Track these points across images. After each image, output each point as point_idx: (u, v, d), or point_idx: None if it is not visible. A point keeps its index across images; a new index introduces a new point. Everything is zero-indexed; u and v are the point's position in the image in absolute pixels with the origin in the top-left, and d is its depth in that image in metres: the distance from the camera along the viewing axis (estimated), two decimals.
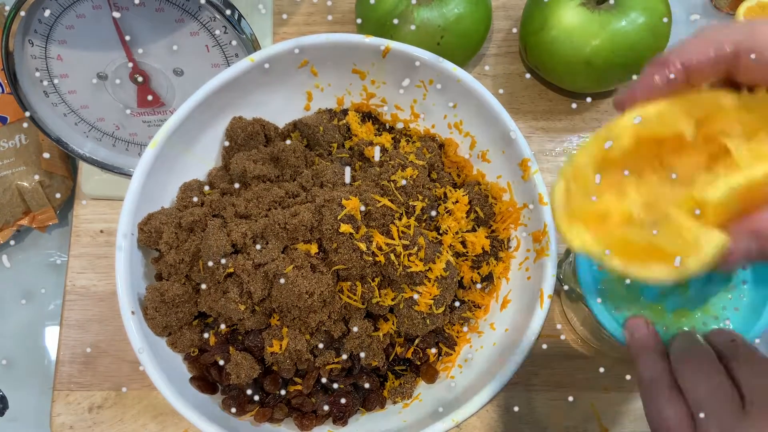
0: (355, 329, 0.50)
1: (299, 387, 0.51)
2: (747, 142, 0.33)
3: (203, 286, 0.50)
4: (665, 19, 0.60)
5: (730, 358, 0.38)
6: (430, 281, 0.49)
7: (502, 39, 0.71)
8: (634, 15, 0.59)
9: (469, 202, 0.55)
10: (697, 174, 0.33)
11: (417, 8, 0.60)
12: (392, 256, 0.48)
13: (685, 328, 0.45)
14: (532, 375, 0.61)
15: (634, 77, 0.35)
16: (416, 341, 0.52)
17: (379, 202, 0.49)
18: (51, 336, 0.65)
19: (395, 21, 0.60)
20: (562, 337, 0.62)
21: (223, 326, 0.51)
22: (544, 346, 0.61)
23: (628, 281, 0.47)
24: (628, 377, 0.59)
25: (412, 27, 0.60)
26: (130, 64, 0.56)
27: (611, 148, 0.34)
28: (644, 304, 0.46)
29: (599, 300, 0.46)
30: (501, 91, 0.69)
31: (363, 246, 0.48)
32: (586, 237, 0.34)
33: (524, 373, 0.61)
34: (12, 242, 0.67)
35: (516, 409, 0.60)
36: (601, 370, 0.60)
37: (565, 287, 0.49)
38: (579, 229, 0.35)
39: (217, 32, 0.54)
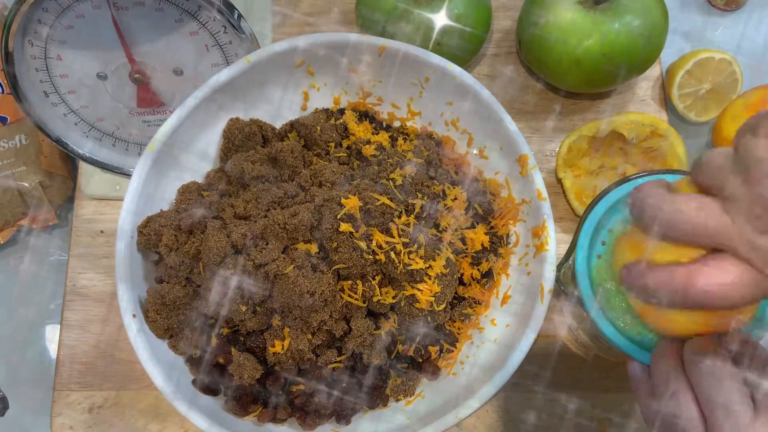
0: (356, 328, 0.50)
1: (302, 387, 0.51)
2: None
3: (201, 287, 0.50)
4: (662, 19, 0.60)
5: (742, 361, 0.38)
6: (430, 278, 0.49)
7: (502, 39, 0.71)
8: (629, 18, 0.59)
9: (468, 199, 0.55)
10: None
11: (417, 8, 0.60)
12: (392, 254, 0.48)
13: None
14: (532, 375, 0.61)
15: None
16: (417, 339, 0.52)
17: (378, 200, 0.49)
18: (51, 336, 0.65)
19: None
20: (561, 337, 0.62)
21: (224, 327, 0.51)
22: (544, 347, 0.61)
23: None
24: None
25: (412, 27, 0.60)
26: (130, 64, 0.56)
27: None
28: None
29: (597, 304, 0.46)
30: (500, 91, 0.69)
31: (363, 244, 0.48)
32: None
33: (524, 373, 0.61)
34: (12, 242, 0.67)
35: (515, 409, 0.60)
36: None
37: (564, 290, 0.49)
38: None
39: (217, 32, 0.54)
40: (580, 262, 0.47)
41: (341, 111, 0.60)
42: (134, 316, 0.49)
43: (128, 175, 0.62)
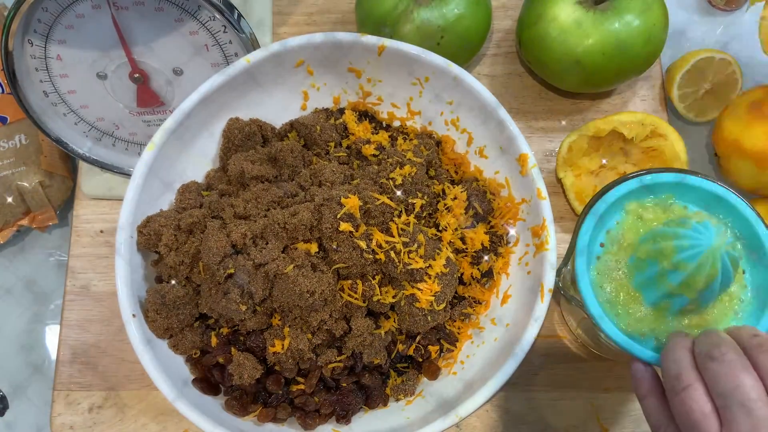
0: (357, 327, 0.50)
1: (302, 386, 0.51)
2: None
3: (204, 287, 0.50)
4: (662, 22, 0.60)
5: (754, 353, 0.37)
6: (430, 278, 0.49)
7: (502, 39, 0.71)
8: (629, 18, 0.59)
9: (468, 199, 0.55)
10: None
11: (417, 8, 0.60)
12: (392, 254, 0.48)
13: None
14: (532, 375, 0.61)
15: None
16: (417, 338, 0.52)
17: (378, 200, 0.49)
18: (51, 336, 0.65)
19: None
20: (561, 337, 0.62)
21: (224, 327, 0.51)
22: (544, 347, 0.61)
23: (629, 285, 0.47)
24: None
25: (412, 27, 0.60)
26: (130, 64, 0.56)
27: None
28: (644, 310, 0.46)
29: (599, 306, 0.46)
30: (500, 91, 0.69)
31: (363, 244, 0.48)
32: None
33: (524, 373, 0.61)
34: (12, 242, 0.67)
35: (516, 409, 0.60)
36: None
37: (564, 294, 0.49)
38: None
39: (217, 32, 0.54)
40: (580, 264, 0.47)
41: (341, 111, 0.60)
42: (134, 316, 0.49)
43: (128, 175, 0.62)
